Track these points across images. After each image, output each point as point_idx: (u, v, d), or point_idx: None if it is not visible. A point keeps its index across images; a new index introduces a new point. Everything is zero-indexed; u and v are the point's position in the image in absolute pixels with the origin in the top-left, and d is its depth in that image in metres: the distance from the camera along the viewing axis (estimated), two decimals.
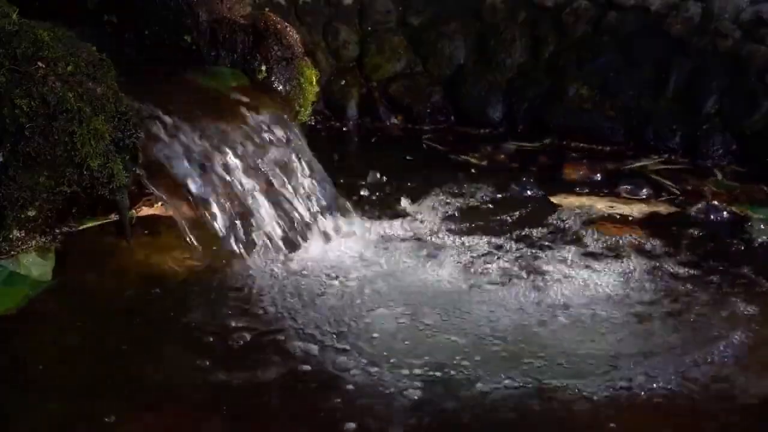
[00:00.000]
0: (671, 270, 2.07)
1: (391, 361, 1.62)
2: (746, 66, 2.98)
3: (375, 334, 1.73)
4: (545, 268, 2.06)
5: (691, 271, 2.07)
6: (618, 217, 2.43)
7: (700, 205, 2.51)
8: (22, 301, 1.79)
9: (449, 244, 2.19)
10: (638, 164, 2.96)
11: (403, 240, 2.20)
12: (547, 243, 2.22)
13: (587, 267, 2.08)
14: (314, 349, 1.66)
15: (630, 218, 2.42)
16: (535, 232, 2.29)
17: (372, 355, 1.65)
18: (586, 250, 2.18)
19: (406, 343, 1.70)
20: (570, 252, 2.16)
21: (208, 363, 1.61)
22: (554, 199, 2.55)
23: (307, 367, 1.60)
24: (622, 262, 2.10)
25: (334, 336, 1.71)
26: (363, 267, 2.03)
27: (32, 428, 1.43)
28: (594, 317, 1.83)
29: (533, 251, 2.16)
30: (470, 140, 3.21)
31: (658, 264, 2.10)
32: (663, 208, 2.53)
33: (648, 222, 2.39)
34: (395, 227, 2.27)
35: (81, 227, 1.99)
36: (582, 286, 1.97)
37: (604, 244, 2.21)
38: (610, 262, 2.10)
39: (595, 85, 3.21)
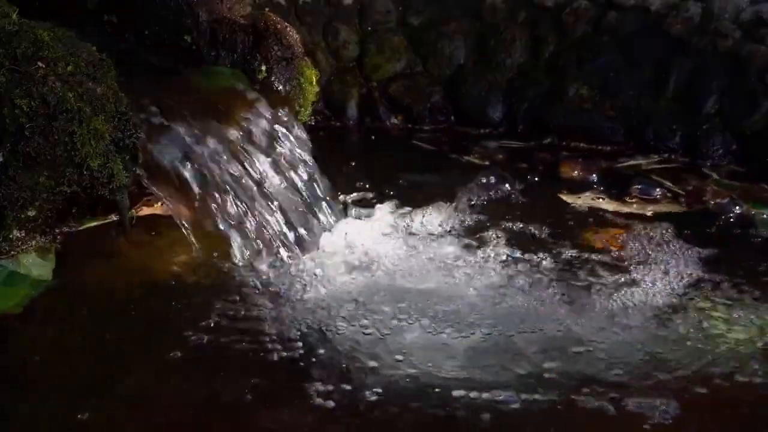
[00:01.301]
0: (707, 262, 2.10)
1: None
2: (746, 66, 2.98)
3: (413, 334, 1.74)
4: (590, 264, 2.08)
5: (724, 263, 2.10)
6: (632, 216, 2.43)
7: (711, 205, 2.52)
8: (22, 301, 1.79)
9: (470, 246, 2.17)
10: (631, 163, 2.96)
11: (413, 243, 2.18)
12: (578, 242, 2.22)
13: (625, 263, 2.09)
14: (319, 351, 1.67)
15: (644, 217, 2.41)
16: (559, 232, 2.29)
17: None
18: (617, 247, 2.19)
19: None
20: (603, 249, 2.17)
21: (208, 363, 1.61)
22: (566, 198, 2.55)
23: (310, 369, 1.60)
24: (657, 260, 2.10)
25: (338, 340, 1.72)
26: (366, 271, 2.02)
27: (32, 428, 1.43)
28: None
29: (564, 252, 2.15)
30: (465, 140, 3.21)
31: (694, 257, 2.12)
32: (673, 208, 2.52)
33: (665, 221, 2.36)
34: (399, 228, 2.27)
35: (81, 227, 1.99)
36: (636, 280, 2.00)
37: (632, 243, 2.21)
38: (643, 261, 2.10)
39: (595, 85, 3.20)
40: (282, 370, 1.60)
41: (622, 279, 2.00)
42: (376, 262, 2.05)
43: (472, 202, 2.47)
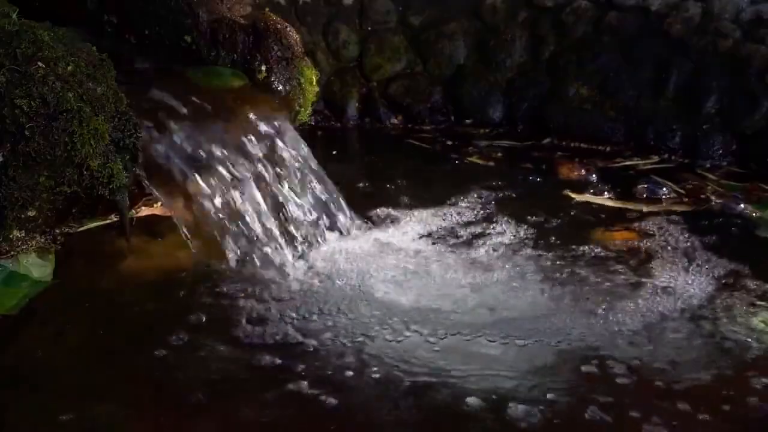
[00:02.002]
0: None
1: None
2: (746, 66, 2.98)
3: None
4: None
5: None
6: (639, 214, 2.43)
7: (714, 204, 2.53)
8: (21, 302, 1.79)
9: (483, 246, 2.17)
10: (627, 163, 2.97)
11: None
12: (593, 241, 2.22)
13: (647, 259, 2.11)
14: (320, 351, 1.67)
15: (652, 216, 2.41)
16: (572, 231, 2.29)
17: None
18: (630, 244, 2.20)
19: None
20: (618, 246, 2.19)
21: (207, 363, 1.61)
22: (573, 198, 2.56)
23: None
24: (672, 258, 2.11)
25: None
26: (370, 275, 2.00)
27: (31, 428, 1.43)
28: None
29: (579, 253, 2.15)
30: (465, 140, 3.20)
31: (707, 254, 2.14)
32: (679, 207, 2.51)
33: (673, 220, 2.38)
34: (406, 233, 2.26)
35: (81, 228, 1.99)
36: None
37: (644, 241, 2.22)
38: (657, 259, 2.11)
39: (595, 85, 3.21)
40: (269, 370, 1.60)
41: (640, 275, 2.01)
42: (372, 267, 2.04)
43: (480, 203, 2.47)
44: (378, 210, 2.37)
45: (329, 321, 1.78)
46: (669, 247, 2.17)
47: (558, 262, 2.09)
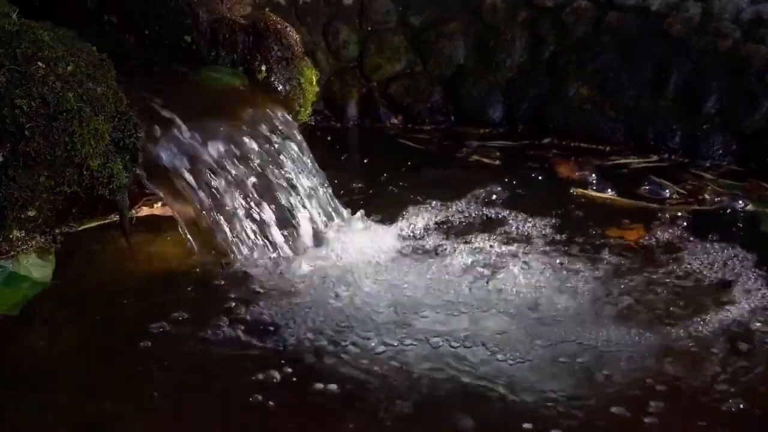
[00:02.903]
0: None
1: None
2: (746, 66, 2.98)
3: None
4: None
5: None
6: (645, 213, 2.44)
7: (716, 203, 2.55)
8: (21, 302, 1.79)
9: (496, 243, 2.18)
10: (622, 161, 2.97)
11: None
12: (604, 240, 2.23)
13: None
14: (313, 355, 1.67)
15: (658, 214, 2.42)
16: (579, 230, 2.29)
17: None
18: (640, 242, 2.22)
19: None
20: (630, 244, 2.20)
21: (207, 363, 1.61)
22: (577, 197, 2.57)
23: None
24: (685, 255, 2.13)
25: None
26: (373, 276, 2.00)
27: (31, 428, 1.43)
28: None
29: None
30: (465, 140, 3.20)
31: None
32: (682, 206, 2.52)
33: (678, 218, 2.39)
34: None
35: (81, 228, 1.99)
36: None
37: (652, 240, 2.24)
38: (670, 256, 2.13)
39: (595, 85, 3.21)
40: (279, 368, 1.60)
41: (653, 274, 2.03)
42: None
43: (486, 202, 2.46)
44: (377, 209, 2.37)
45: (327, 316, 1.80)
46: (689, 244, 2.18)
47: (580, 260, 2.10)
